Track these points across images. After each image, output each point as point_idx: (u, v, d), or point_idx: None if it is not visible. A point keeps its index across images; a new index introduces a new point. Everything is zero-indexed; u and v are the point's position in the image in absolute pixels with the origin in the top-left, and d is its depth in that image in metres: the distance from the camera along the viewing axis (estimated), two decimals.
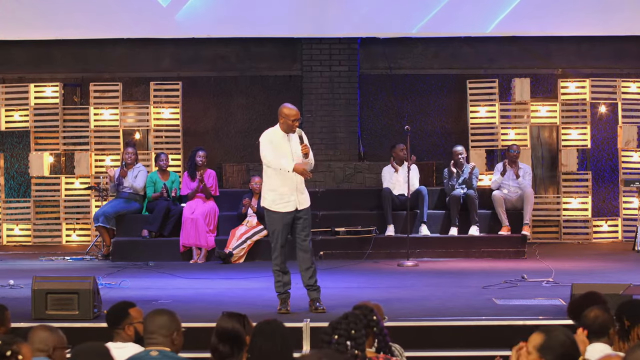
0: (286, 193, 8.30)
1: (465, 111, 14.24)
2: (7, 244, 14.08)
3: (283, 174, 8.28)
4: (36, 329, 4.75)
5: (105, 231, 12.70)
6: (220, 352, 4.77)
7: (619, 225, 13.97)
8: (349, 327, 4.73)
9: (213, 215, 12.43)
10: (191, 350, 7.10)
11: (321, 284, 8.42)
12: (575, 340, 4.19)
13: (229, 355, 4.74)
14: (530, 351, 4.11)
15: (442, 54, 14.55)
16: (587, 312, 5.21)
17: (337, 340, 4.69)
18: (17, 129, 14.37)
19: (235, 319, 5.03)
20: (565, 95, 14.11)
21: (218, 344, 4.80)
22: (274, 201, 8.33)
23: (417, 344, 7.34)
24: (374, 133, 14.53)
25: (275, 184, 8.32)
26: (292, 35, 14.15)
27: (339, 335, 4.71)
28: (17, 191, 14.53)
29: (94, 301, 7.93)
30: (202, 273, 11.06)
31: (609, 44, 14.31)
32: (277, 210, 8.32)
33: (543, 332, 4.14)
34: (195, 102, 14.48)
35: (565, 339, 4.12)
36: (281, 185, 8.30)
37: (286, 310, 8.22)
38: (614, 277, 9.79)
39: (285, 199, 8.31)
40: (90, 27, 13.95)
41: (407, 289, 9.57)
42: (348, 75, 14.28)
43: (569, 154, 14.05)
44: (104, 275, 10.51)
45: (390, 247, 12.25)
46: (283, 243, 8.36)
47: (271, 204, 8.35)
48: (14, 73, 14.58)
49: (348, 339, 4.71)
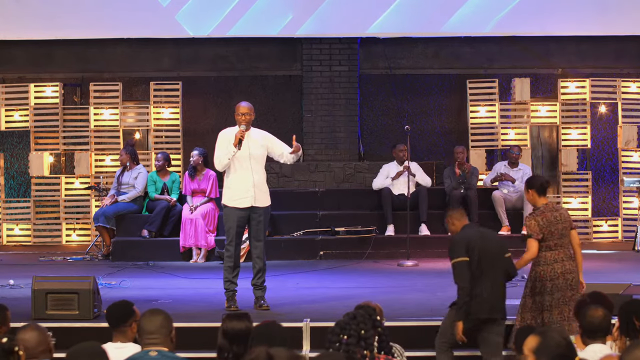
0: (242, 189, 8.47)
1: (465, 111, 14.24)
2: (7, 244, 14.07)
3: (239, 171, 8.48)
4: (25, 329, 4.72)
5: (105, 231, 12.70)
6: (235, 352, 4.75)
7: (619, 225, 13.97)
8: (358, 328, 4.71)
9: (213, 215, 12.43)
10: (191, 350, 7.11)
11: (321, 283, 8.45)
12: (571, 341, 4.19)
13: (242, 354, 4.72)
14: (527, 354, 4.10)
15: (442, 54, 14.54)
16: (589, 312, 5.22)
17: (347, 340, 4.66)
18: (17, 129, 14.36)
19: (245, 319, 5.02)
20: (565, 95, 14.11)
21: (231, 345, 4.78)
22: (231, 197, 8.52)
23: (417, 344, 7.35)
24: (374, 133, 14.52)
25: (231, 181, 8.54)
26: (292, 35, 14.14)
27: (349, 336, 4.67)
28: (17, 191, 14.52)
29: (94, 301, 7.94)
30: (202, 273, 11.06)
31: (609, 44, 14.30)
32: (233, 206, 8.47)
33: (538, 335, 4.13)
34: (195, 102, 14.48)
35: (561, 340, 4.11)
36: (237, 181, 8.50)
37: (235, 307, 8.33)
38: (614, 277, 9.79)
39: (241, 194, 8.46)
40: (90, 27, 13.95)
41: (407, 289, 9.57)
42: (348, 75, 14.28)
43: (569, 154, 14.05)
44: (104, 275, 10.51)
45: (390, 247, 12.25)
46: (238, 240, 8.52)
47: (228, 200, 8.54)
48: (14, 73, 14.58)
49: (359, 339, 4.68)
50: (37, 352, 4.64)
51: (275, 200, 9.04)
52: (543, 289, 7.28)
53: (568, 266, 7.32)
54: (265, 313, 8.19)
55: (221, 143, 8.59)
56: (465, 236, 7.14)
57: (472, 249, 7.04)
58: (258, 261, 8.50)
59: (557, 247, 7.34)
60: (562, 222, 7.34)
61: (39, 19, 14.01)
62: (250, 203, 8.47)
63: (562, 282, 7.27)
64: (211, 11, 13.98)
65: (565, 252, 7.35)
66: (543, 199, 7.42)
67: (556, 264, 7.30)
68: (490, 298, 7.03)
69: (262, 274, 8.51)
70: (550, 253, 7.33)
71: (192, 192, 12.57)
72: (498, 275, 7.09)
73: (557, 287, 7.26)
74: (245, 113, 8.54)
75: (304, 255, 12.28)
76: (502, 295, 7.14)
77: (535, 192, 7.42)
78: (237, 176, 8.50)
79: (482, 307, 7.00)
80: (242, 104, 8.66)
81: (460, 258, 7.02)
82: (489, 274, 7.04)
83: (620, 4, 13.94)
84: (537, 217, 7.33)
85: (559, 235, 7.33)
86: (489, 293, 7.02)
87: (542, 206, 7.40)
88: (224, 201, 8.57)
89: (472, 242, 7.06)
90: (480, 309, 7.01)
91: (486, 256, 7.05)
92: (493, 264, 7.07)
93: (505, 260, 7.16)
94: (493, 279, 7.05)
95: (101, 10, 13.92)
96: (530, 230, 7.34)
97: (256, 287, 8.54)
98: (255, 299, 8.52)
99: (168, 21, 13.96)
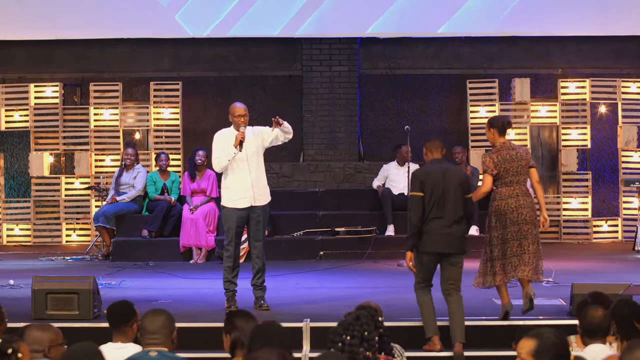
0: (240, 190, 8.47)
1: (465, 111, 14.24)
2: (7, 244, 14.08)
3: (236, 172, 8.47)
4: (29, 329, 4.73)
5: (105, 231, 12.70)
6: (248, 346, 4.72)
7: (619, 225, 13.97)
8: (362, 329, 4.69)
9: (213, 215, 12.44)
10: (191, 350, 7.11)
11: (321, 284, 8.45)
12: (566, 340, 4.18)
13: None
14: (524, 357, 4.09)
15: (442, 54, 14.54)
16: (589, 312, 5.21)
17: (350, 341, 4.64)
18: (17, 129, 14.36)
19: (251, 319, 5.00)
20: (565, 95, 14.11)
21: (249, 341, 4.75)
22: (230, 198, 8.52)
23: (417, 344, 7.34)
24: (374, 133, 14.52)
25: (229, 181, 8.52)
26: (292, 35, 14.14)
27: (352, 337, 4.66)
28: (17, 191, 14.53)
29: (94, 301, 7.94)
30: (202, 273, 11.06)
31: (609, 44, 14.30)
32: (232, 206, 8.48)
33: (534, 337, 4.11)
34: (195, 102, 14.48)
35: (557, 340, 4.10)
36: (236, 182, 8.50)
37: (235, 307, 8.31)
38: (614, 277, 9.79)
39: (240, 195, 8.47)
40: (91, 27, 13.95)
41: (407, 289, 9.55)
42: (348, 75, 14.29)
43: (569, 154, 14.05)
44: (104, 275, 10.51)
45: (390, 247, 12.24)
46: (237, 240, 8.52)
47: (226, 201, 8.53)
48: (14, 73, 14.58)
49: (362, 340, 4.67)
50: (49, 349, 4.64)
51: (275, 200, 9.04)
52: (500, 223, 7.75)
53: (522, 201, 7.75)
54: (265, 313, 8.19)
55: (218, 144, 8.58)
56: (424, 171, 7.59)
57: (428, 184, 7.45)
58: (257, 261, 8.51)
59: (512, 183, 7.79)
60: (518, 160, 7.79)
61: (39, 19, 14.01)
62: (249, 203, 8.48)
63: (517, 216, 7.72)
64: (211, 11, 13.99)
65: (521, 188, 7.80)
66: (502, 139, 7.89)
67: (510, 199, 7.75)
68: (448, 234, 7.42)
69: (261, 274, 8.51)
70: (506, 189, 7.78)
71: (192, 192, 12.57)
72: (457, 211, 7.46)
73: (512, 220, 7.72)
74: (243, 115, 8.55)
75: (304, 255, 12.28)
76: (461, 231, 7.50)
77: (496, 131, 7.90)
78: (235, 177, 8.50)
79: (441, 242, 7.41)
80: (238, 105, 8.65)
81: (414, 192, 7.48)
82: (447, 210, 7.43)
83: (620, 4, 13.94)
84: (493, 154, 7.81)
85: (515, 172, 7.78)
86: (447, 229, 7.41)
87: (499, 144, 7.86)
88: (223, 202, 8.57)
89: (430, 178, 7.47)
90: (438, 244, 7.41)
91: (445, 193, 7.45)
92: (452, 201, 7.45)
93: (464, 199, 7.55)
94: (452, 215, 7.43)
95: (101, 10, 13.92)
96: (485, 166, 7.79)
97: (256, 287, 8.54)
98: (255, 299, 8.52)
99: (168, 21, 13.96)
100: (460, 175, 7.62)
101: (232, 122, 8.61)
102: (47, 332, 4.71)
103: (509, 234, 7.73)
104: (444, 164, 7.70)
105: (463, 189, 7.52)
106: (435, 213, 7.40)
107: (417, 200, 7.42)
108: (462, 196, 7.50)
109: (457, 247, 7.47)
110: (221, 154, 8.51)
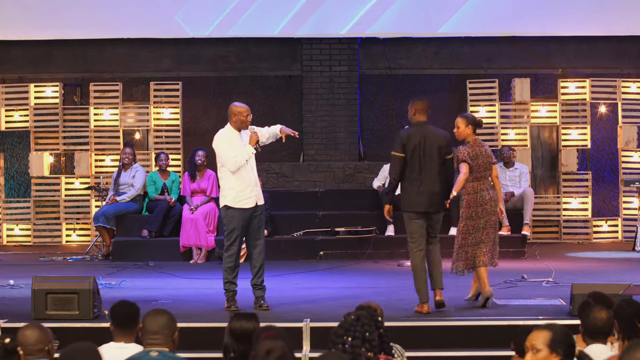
0: (246, 190, 8.44)
1: (465, 111, 14.23)
2: (7, 244, 14.07)
3: (242, 172, 8.42)
4: (25, 329, 4.72)
5: (105, 231, 12.70)
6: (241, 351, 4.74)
7: (619, 225, 13.97)
8: (363, 330, 4.68)
9: (213, 215, 12.43)
10: (191, 350, 7.11)
11: (321, 284, 8.45)
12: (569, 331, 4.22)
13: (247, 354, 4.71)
14: (540, 348, 4.09)
15: (442, 54, 14.54)
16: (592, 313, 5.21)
17: (352, 342, 4.64)
18: (17, 129, 14.36)
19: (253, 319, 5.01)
20: (565, 95, 14.11)
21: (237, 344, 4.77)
22: (236, 198, 8.44)
23: (417, 344, 7.34)
24: (374, 133, 14.53)
25: (235, 181, 8.44)
26: (292, 35, 14.14)
27: (353, 338, 4.65)
28: (17, 191, 14.52)
29: (94, 301, 7.94)
30: (202, 273, 11.06)
31: (609, 44, 14.30)
32: (239, 207, 8.42)
33: (547, 328, 4.13)
34: (195, 102, 14.48)
35: (567, 331, 4.15)
36: (241, 182, 8.45)
37: (236, 307, 8.30)
38: (614, 277, 9.79)
39: (246, 195, 8.44)
40: (91, 27, 13.95)
41: (407, 289, 9.56)
42: (348, 75, 14.29)
43: (569, 154, 14.05)
44: (104, 275, 10.51)
45: (390, 247, 12.24)
46: (241, 241, 8.50)
47: (233, 201, 8.44)
48: (14, 73, 14.57)
49: (363, 341, 4.66)
50: (34, 350, 4.63)
51: (275, 200, 9.08)
52: (474, 214, 8.32)
53: (492, 194, 8.40)
54: (265, 313, 8.19)
55: (227, 144, 8.47)
56: (406, 133, 8.18)
57: (408, 146, 8.07)
58: (258, 260, 8.49)
59: (480, 178, 8.39)
60: (484, 156, 8.43)
61: (39, 19, 14.01)
62: (254, 202, 8.46)
63: (489, 207, 8.34)
64: (211, 11, 13.98)
65: (487, 182, 8.44)
66: (474, 135, 8.51)
67: (482, 192, 8.35)
68: (428, 194, 8.08)
69: (261, 274, 8.49)
70: (477, 184, 8.36)
71: (192, 192, 12.57)
72: (437, 173, 8.11)
73: (486, 211, 8.34)
74: (249, 114, 8.55)
75: (304, 255, 12.28)
76: (440, 191, 8.14)
77: (472, 128, 8.49)
78: (240, 177, 8.44)
79: (421, 202, 8.08)
80: (243, 105, 8.62)
81: (395, 152, 8.14)
82: (428, 171, 8.08)
83: (620, 4, 13.94)
84: (468, 148, 8.40)
85: (483, 167, 8.40)
86: (426, 189, 8.07)
87: (472, 140, 8.46)
88: (227, 203, 8.44)
89: (411, 140, 8.07)
90: (419, 203, 8.08)
91: (425, 155, 8.08)
92: (431, 163, 8.10)
93: (445, 160, 8.17)
94: (431, 176, 8.08)
95: (101, 10, 13.92)
96: (462, 156, 8.34)
97: (256, 287, 8.53)
98: (255, 299, 8.52)
99: (168, 21, 13.95)
100: (440, 139, 8.18)
101: (237, 121, 8.52)
102: (42, 333, 4.71)
103: (480, 224, 8.35)
104: (427, 127, 8.22)
105: (442, 152, 8.11)
106: (417, 174, 8.06)
107: (398, 160, 8.12)
108: (443, 158, 8.14)
109: (438, 206, 8.16)
110: (237, 153, 8.41)
